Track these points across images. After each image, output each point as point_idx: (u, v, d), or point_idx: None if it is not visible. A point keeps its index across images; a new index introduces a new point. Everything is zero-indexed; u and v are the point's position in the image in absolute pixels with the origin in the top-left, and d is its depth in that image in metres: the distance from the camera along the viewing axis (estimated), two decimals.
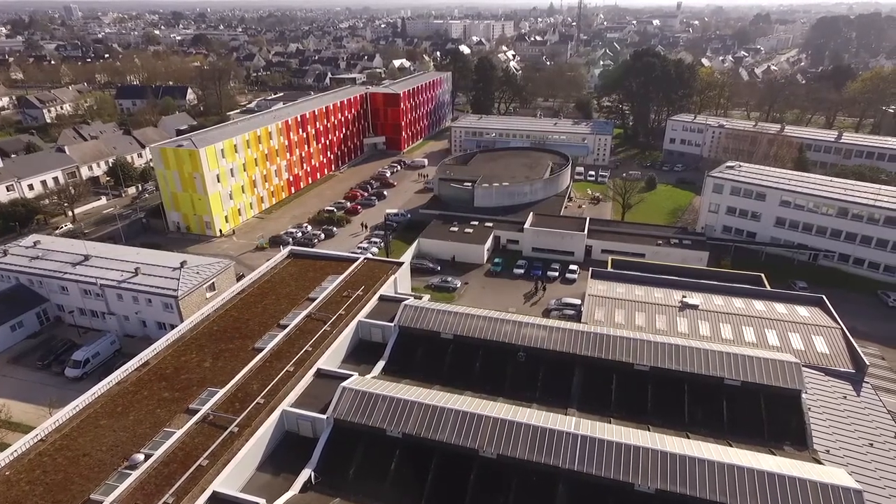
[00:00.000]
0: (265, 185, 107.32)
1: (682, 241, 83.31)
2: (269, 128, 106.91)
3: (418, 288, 75.12)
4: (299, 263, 64.40)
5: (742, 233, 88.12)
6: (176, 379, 44.60)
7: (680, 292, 61.56)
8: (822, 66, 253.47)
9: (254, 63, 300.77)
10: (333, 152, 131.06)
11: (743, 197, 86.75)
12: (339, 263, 63.33)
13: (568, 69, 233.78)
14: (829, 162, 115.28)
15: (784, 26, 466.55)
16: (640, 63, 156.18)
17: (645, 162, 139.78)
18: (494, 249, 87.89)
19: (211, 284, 65.58)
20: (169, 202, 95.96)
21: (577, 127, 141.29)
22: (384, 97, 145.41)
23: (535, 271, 79.85)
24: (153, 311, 62.82)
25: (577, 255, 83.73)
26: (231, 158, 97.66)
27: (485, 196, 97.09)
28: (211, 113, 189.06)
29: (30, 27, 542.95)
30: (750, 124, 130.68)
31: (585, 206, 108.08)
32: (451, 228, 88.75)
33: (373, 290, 56.84)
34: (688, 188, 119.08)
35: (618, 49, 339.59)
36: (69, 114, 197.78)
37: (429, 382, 45.88)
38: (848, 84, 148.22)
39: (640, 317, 57.31)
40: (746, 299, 60.06)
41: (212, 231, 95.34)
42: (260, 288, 58.93)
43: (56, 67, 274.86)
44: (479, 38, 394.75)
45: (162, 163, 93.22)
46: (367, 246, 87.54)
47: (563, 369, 45.73)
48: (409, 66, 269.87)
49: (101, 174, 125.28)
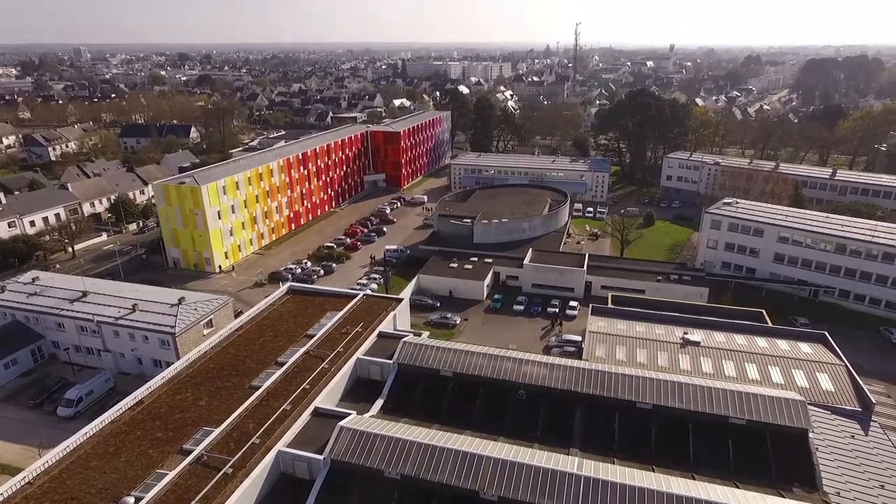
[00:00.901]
0: (266, 221, 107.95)
1: (681, 277, 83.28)
2: (270, 165, 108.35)
3: (417, 324, 74.61)
4: (298, 300, 64.17)
5: (741, 269, 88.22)
6: (170, 418, 43.76)
7: (681, 329, 61.18)
8: (813, 106, 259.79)
9: (257, 102, 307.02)
10: (334, 189, 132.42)
11: (741, 233, 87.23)
12: (338, 300, 63.10)
13: (565, 108, 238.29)
14: (824, 198, 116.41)
15: (774, 68, 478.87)
16: (636, 102, 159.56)
17: (642, 198, 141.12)
18: (494, 285, 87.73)
19: (208, 321, 65.12)
20: (169, 238, 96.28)
21: (575, 164, 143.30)
22: (384, 135, 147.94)
23: (534, 308, 79.46)
24: (150, 349, 62.14)
25: (577, 291, 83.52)
26: (232, 195, 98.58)
27: (484, 232, 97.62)
28: (214, 151, 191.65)
29: (39, 68, 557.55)
30: (745, 162, 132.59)
31: (584, 242, 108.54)
32: (451, 265, 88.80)
33: (371, 326, 56.45)
34: (685, 224, 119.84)
35: (613, 89, 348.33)
36: (73, 152, 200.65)
37: (428, 421, 45.07)
38: (840, 123, 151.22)
39: (641, 353, 56.74)
40: (748, 336, 59.62)
41: (211, 267, 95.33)
42: (258, 325, 58.51)
43: (63, 107, 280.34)
44: (477, 78, 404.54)
45: (164, 199, 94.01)
46: (366, 282, 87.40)
47: (565, 408, 45.00)
48: (409, 105, 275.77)
49: (103, 210, 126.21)
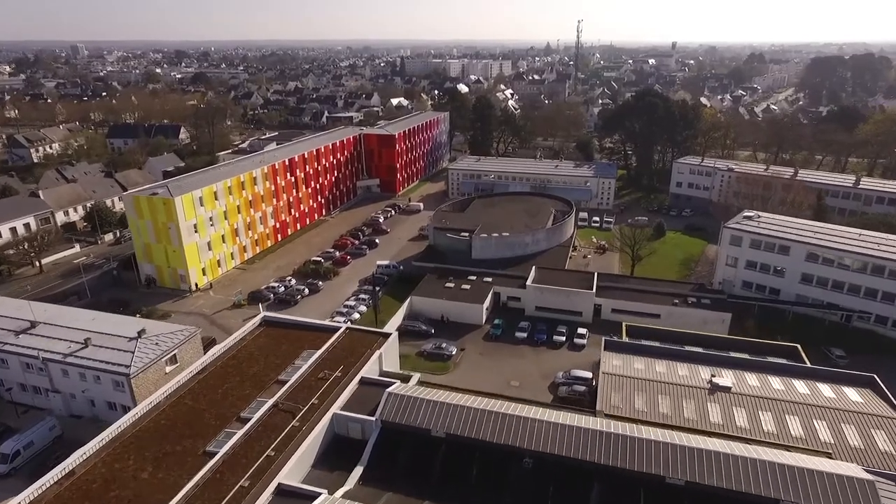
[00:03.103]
0: (248, 233, 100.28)
1: (700, 300, 75.69)
2: (253, 173, 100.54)
3: (409, 355, 67.17)
4: (272, 334, 56.71)
5: (764, 289, 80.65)
6: (103, 497, 36.30)
7: (707, 369, 53.78)
8: (822, 106, 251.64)
9: (251, 101, 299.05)
10: (324, 196, 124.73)
11: (764, 251, 79.61)
12: (317, 335, 55.61)
13: (567, 107, 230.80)
14: (847, 208, 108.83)
15: (778, 66, 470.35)
16: (642, 103, 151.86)
17: (651, 206, 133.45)
18: (494, 307, 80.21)
19: (172, 356, 57.66)
20: (142, 253, 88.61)
21: (580, 170, 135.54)
22: (379, 138, 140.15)
23: (539, 335, 71.76)
24: (102, 390, 54.69)
25: (586, 315, 75.97)
26: (210, 206, 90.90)
27: (483, 247, 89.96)
28: (203, 152, 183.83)
29: (34, 65, 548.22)
30: (761, 168, 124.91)
31: (591, 256, 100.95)
32: (447, 284, 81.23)
33: (353, 370, 49.01)
34: (698, 235, 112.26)
35: (615, 87, 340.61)
36: (57, 153, 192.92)
37: (418, 497, 37.89)
38: (859, 126, 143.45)
39: (663, 402, 49.29)
40: (785, 378, 52.18)
41: (187, 285, 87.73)
42: (224, 366, 51.04)
43: (51, 106, 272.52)
44: (477, 76, 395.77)
45: (135, 212, 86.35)
46: (354, 304, 79.84)
47: (579, 481, 37.71)
48: (406, 104, 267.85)
49: (78, 219, 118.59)
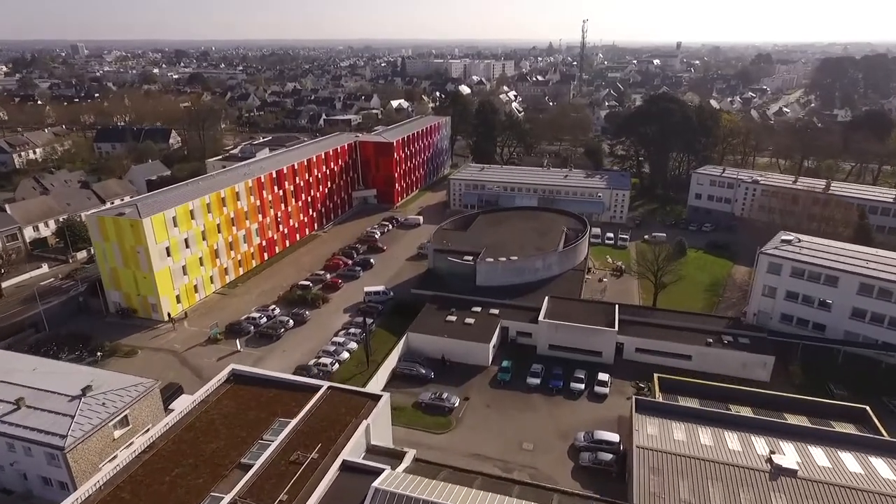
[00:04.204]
0: (230, 254, 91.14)
1: (736, 338, 66.48)
2: (236, 187, 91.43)
3: (404, 409, 58.07)
4: (241, 393, 47.57)
5: (806, 324, 71.16)
6: None
7: (763, 440, 44.62)
8: (836, 109, 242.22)
9: (247, 103, 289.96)
10: (316, 209, 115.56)
11: (808, 280, 70.14)
12: (293, 395, 46.52)
13: (572, 110, 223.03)
14: (887, 226, 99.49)
15: (785, 66, 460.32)
16: (657, 108, 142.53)
17: (667, 219, 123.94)
18: (502, 344, 71.06)
19: (123, 418, 48.60)
20: (108, 280, 79.58)
21: (591, 180, 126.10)
22: (376, 146, 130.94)
23: (554, 382, 62.33)
24: (35, 464, 45.68)
25: (606, 355, 66.78)
26: (186, 226, 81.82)
27: (489, 273, 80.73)
28: (194, 158, 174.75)
29: (31, 65, 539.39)
30: (788, 179, 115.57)
31: (607, 279, 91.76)
32: (448, 317, 72.01)
33: (333, 450, 39.93)
34: (721, 254, 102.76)
35: (621, 89, 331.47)
36: (41, 159, 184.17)
37: None
38: (893, 133, 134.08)
39: (714, 490, 40.05)
40: (861, 455, 42.99)
41: (159, 315, 78.69)
42: (178, 441, 41.93)
43: (40, 108, 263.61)
44: (479, 77, 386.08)
45: (100, 234, 77.24)
46: (343, 340, 70.67)
47: None
48: (406, 106, 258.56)
49: (50, 235, 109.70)
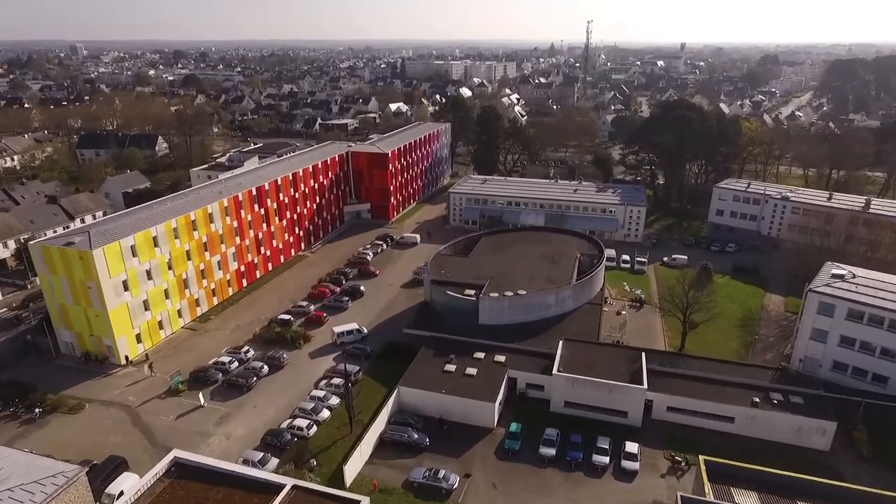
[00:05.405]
0: (202, 283, 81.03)
1: (787, 396, 56.31)
2: (209, 208, 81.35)
3: (393, 491, 47.95)
4: (181, 494, 37.53)
5: (864, 375, 61.02)
6: None
7: None
8: (851, 113, 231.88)
9: (242, 106, 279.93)
10: (303, 227, 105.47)
11: (868, 325, 60.06)
12: (248, 499, 36.52)
13: (577, 113, 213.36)
14: None
15: (792, 68, 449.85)
16: (673, 116, 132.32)
17: (686, 237, 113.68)
18: (508, 398, 60.91)
19: None
20: (58, 318, 69.59)
21: (604, 195, 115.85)
22: (369, 157, 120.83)
23: (573, 453, 52.15)
24: None
25: (633, 416, 56.62)
26: (148, 255, 71.74)
27: (493, 310, 70.40)
28: (181, 166, 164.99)
29: (26, 66, 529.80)
30: (822, 195, 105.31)
31: (625, 311, 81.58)
32: (447, 366, 61.84)
33: None
34: (750, 280, 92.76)
35: (627, 92, 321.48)
36: (19, 167, 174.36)
37: None
38: None
39: None
40: None
41: (115, 358, 68.66)
42: None
43: (26, 111, 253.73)
44: (480, 79, 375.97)
45: (45, 266, 67.18)
46: (323, 394, 60.48)
47: None
48: (405, 110, 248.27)
49: (9, 256, 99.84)
